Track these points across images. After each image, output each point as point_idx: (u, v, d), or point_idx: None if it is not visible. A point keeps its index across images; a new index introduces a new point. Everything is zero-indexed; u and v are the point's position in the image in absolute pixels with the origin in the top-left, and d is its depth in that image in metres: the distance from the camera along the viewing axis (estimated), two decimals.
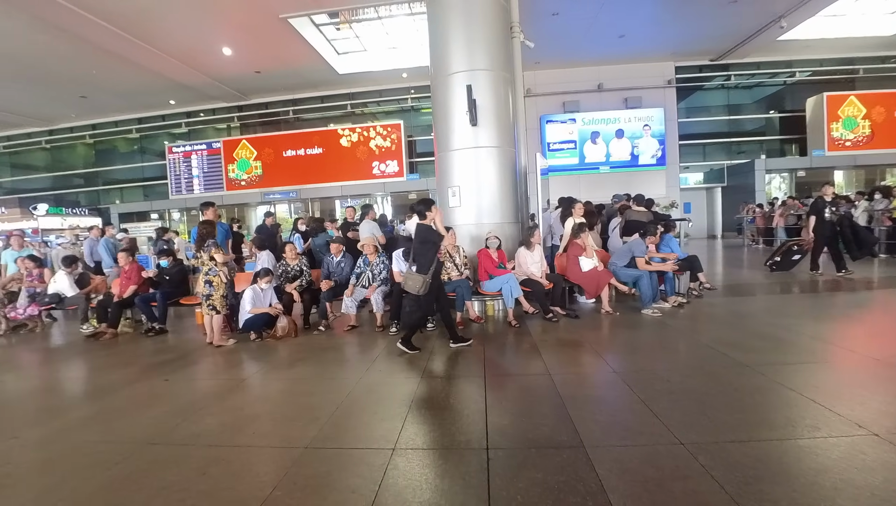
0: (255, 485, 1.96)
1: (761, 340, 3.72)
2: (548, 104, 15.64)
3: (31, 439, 2.63)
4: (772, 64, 16.06)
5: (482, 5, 5.82)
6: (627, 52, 14.15)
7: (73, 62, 12.48)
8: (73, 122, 18.43)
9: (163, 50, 12.03)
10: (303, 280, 5.36)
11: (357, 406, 2.83)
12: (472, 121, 5.62)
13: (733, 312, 4.97)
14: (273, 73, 14.36)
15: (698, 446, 2.07)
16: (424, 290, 3.84)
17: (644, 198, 6.85)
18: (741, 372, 3.03)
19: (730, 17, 12.08)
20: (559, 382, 3.04)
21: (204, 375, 3.81)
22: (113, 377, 3.82)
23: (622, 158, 15.46)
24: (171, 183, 17.17)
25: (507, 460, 2.06)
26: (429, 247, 3.91)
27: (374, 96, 16.77)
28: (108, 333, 5.36)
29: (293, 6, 10.35)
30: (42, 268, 6.56)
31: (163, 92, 15.50)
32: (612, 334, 4.42)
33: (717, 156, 17.08)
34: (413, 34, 12.25)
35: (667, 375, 3.04)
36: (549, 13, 11.11)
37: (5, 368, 4.46)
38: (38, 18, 9.96)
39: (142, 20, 10.38)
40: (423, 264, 3.87)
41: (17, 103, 15.77)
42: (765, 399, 2.59)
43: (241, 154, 16.59)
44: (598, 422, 2.40)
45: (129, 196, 19.17)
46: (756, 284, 6.64)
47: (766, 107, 16.97)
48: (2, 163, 20.15)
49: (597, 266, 5.27)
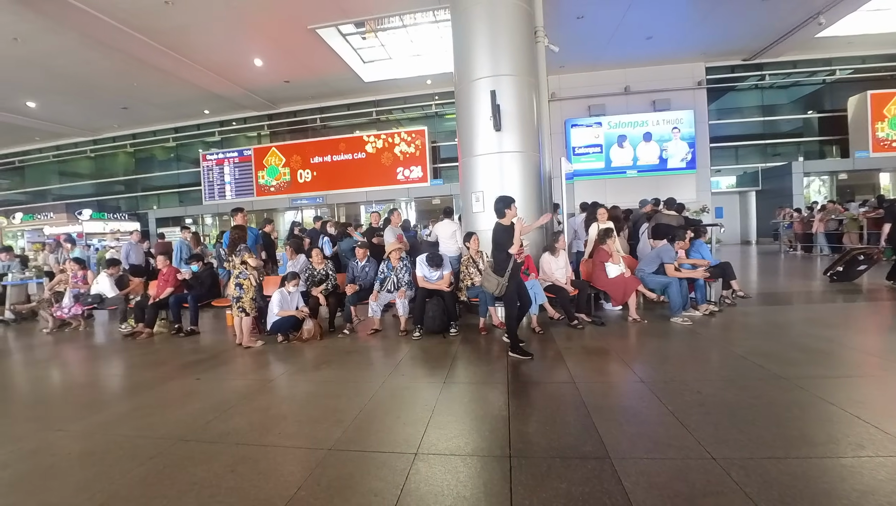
0: (281, 484, 2.01)
1: (800, 352, 3.54)
2: (573, 108, 15.46)
3: (75, 431, 2.77)
4: (809, 62, 15.37)
5: (506, 11, 5.83)
6: (655, 53, 13.84)
7: (117, 76, 13.23)
8: (116, 132, 19.47)
9: (199, 63, 12.61)
10: (328, 284, 5.46)
11: (380, 410, 2.86)
12: (496, 126, 5.62)
13: (770, 322, 4.75)
14: (301, 82, 14.79)
15: (731, 461, 1.98)
16: (500, 291, 3.82)
17: (675, 201, 6.67)
18: (778, 385, 2.89)
19: (764, 15, 11.64)
20: (584, 390, 2.98)
21: (233, 375, 3.93)
22: (148, 375, 3.99)
23: (650, 162, 15.08)
24: (205, 189, 17.86)
25: (531, 468, 2.03)
26: (502, 248, 3.86)
27: (398, 103, 17.01)
28: (144, 333, 5.62)
29: (321, 17, 10.64)
30: (86, 270, 6.93)
31: (198, 102, 16.21)
32: (639, 343, 4.30)
33: (750, 158, 16.42)
34: (437, 41, 12.38)
35: (697, 387, 2.93)
36: (574, 16, 11.01)
37: (52, 363, 4.73)
38: (87, 36, 10.63)
39: (181, 35, 10.92)
40: (499, 265, 3.84)
41: (66, 115, 16.83)
42: (804, 414, 2.46)
43: (271, 161, 17.10)
44: (624, 433, 2.34)
45: (165, 202, 20.05)
46: (795, 293, 6.33)
47: (803, 107, 16.21)
48: (51, 171, 21.48)
49: (624, 272, 5.15)
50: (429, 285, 4.96)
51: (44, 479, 2.19)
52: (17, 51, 11.15)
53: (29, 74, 12.68)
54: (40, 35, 10.51)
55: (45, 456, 2.44)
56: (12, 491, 2.08)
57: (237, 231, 4.94)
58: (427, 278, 5.03)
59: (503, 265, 3.81)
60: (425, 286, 4.96)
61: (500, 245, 3.86)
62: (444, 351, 4.23)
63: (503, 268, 3.80)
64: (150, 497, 1.97)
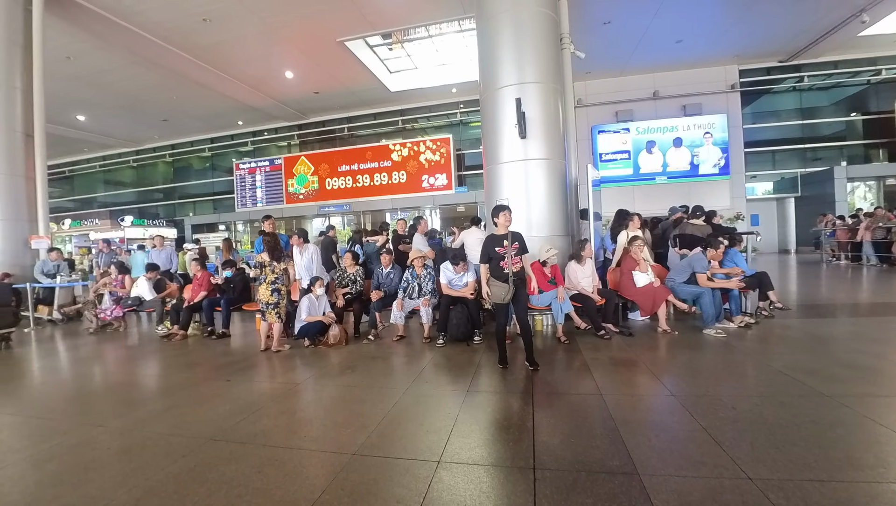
0: (306, 487, 2.04)
1: (846, 369, 3.34)
2: (600, 114, 15.26)
3: (114, 427, 2.90)
4: (852, 62, 14.63)
5: (531, 19, 5.84)
6: (685, 57, 13.52)
7: (159, 90, 14.02)
8: (156, 142, 20.55)
9: (234, 76, 13.20)
10: (353, 288, 5.55)
11: (404, 416, 2.87)
12: (521, 133, 5.60)
13: (811, 336, 4.50)
14: (330, 93, 15.24)
15: (769, 482, 1.88)
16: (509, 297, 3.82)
17: (701, 210, 6.42)
18: (821, 403, 2.73)
19: (802, 15, 11.20)
20: (612, 403, 2.90)
21: (262, 377, 4.03)
22: (182, 375, 4.15)
23: (681, 168, 14.66)
24: (238, 197, 18.55)
25: (555, 481, 1.99)
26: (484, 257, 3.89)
27: (424, 112, 17.24)
28: (178, 335, 5.85)
29: (350, 30, 10.96)
30: (126, 274, 7.29)
31: (232, 114, 16.93)
32: (670, 355, 4.16)
33: (788, 164, 15.70)
34: (462, 50, 12.51)
35: (732, 402, 2.80)
36: (601, 22, 10.91)
37: (94, 362, 4.98)
38: (133, 54, 11.33)
39: (218, 51, 11.49)
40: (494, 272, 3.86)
41: (112, 127, 17.91)
42: (849, 435, 2.31)
43: (300, 170, 17.61)
44: (654, 449, 2.26)
45: (200, 209, 20.92)
46: (839, 305, 5.97)
47: (846, 109, 15.41)
48: (97, 179, 22.83)
49: (653, 281, 5.01)
50: (453, 293, 4.97)
51: (85, 472, 2.30)
52: (69, 68, 11.99)
53: (80, 90, 13.60)
54: (91, 53, 11.27)
55: (87, 450, 2.57)
56: (57, 483, 2.20)
57: (271, 238, 5.06)
58: (451, 285, 5.04)
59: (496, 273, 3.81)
60: (449, 293, 4.97)
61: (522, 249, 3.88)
62: (468, 359, 4.21)
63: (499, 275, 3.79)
64: (182, 494, 2.03)
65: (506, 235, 3.83)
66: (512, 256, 3.77)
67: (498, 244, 3.83)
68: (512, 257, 3.77)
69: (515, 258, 3.79)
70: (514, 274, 3.76)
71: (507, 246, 3.78)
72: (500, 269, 3.79)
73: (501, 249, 3.80)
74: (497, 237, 3.87)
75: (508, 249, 3.78)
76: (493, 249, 3.84)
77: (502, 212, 3.89)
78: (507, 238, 3.81)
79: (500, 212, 3.89)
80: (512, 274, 3.75)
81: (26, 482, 2.22)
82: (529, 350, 3.80)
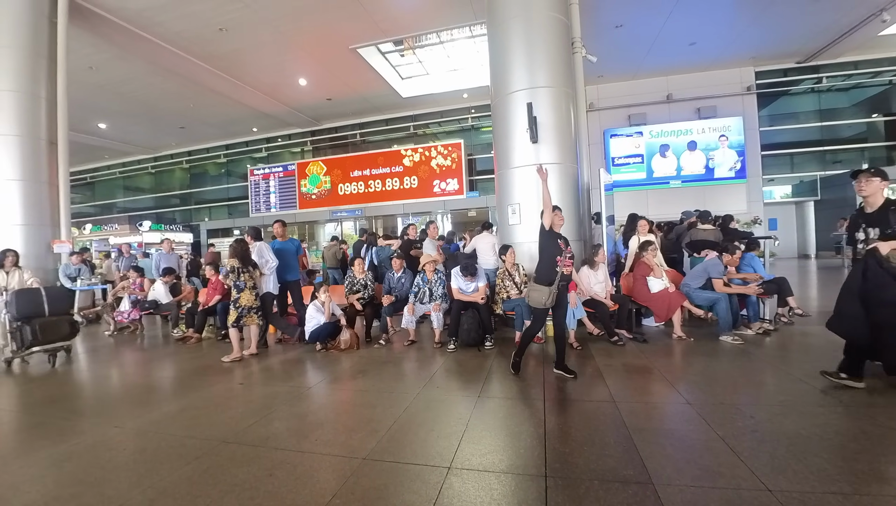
0: (317, 491, 2.04)
1: (869, 378, 3.22)
2: (612, 118, 15.13)
3: (130, 428, 2.95)
4: (873, 62, 14.23)
5: (542, 24, 5.84)
6: (699, 59, 13.34)
7: (177, 98, 14.35)
8: (174, 149, 21.01)
9: (249, 84, 13.46)
10: (365, 293, 5.58)
11: (415, 421, 2.86)
12: (533, 138, 5.59)
13: (833, 343, 4.31)
14: (342, 99, 15.41)
15: (789, 495, 1.82)
16: (552, 302, 3.58)
17: (709, 215, 6.30)
18: (844, 413, 2.65)
19: (820, 15, 10.96)
20: (625, 411, 2.85)
21: (274, 380, 4.07)
22: (196, 378, 4.21)
23: (695, 172, 14.43)
24: (252, 202, 18.83)
25: (567, 490, 1.96)
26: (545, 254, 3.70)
27: (435, 117, 17.30)
28: (193, 338, 5.94)
29: (362, 37, 11.09)
30: (143, 277, 7.45)
31: (247, 121, 17.24)
32: (685, 362, 4.08)
33: (807, 166, 15.32)
34: (473, 55, 12.55)
35: (750, 411, 2.73)
36: (613, 26, 10.84)
37: (112, 364, 5.09)
38: (152, 63, 11.64)
39: (233, 59, 11.73)
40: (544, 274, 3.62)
41: (131, 135, 18.37)
42: (875, 447, 2.23)
43: (313, 170, 17.81)
44: (669, 458, 2.21)
45: (215, 214, 21.29)
46: None
47: (867, 110, 14.97)
48: (117, 186, 23.42)
49: (667, 287, 4.93)
50: (464, 298, 4.95)
51: (102, 471, 2.34)
52: (92, 78, 12.36)
53: (101, 99, 14.01)
54: (112, 63, 11.61)
55: (104, 451, 2.61)
56: (75, 482, 2.24)
57: (237, 245, 4.99)
58: (462, 291, 5.03)
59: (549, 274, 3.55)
60: (460, 298, 4.95)
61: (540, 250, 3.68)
62: (480, 364, 4.19)
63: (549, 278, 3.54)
64: (195, 496, 2.05)
65: (561, 236, 3.65)
66: (567, 257, 3.55)
67: (559, 240, 3.61)
68: (567, 259, 3.54)
69: (569, 261, 3.56)
70: (563, 277, 3.54)
71: (564, 246, 3.57)
72: (553, 267, 3.54)
73: (562, 246, 3.57)
74: (556, 234, 3.65)
75: (565, 249, 3.57)
76: (556, 244, 3.59)
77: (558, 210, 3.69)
78: (564, 239, 3.63)
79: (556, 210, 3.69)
80: (561, 276, 3.54)
81: (45, 481, 2.27)
82: (562, 357, 3.68)
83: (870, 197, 3.10)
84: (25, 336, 4.79)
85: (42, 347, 4.88)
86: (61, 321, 5.12)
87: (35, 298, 5.05)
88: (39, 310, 5.00)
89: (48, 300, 5.09)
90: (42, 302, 5.04)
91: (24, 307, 4.91)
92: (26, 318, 4.86)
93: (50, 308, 5.07)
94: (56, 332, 5.01)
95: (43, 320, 4.93)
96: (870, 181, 3.09)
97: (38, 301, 5.04)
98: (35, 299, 5.03)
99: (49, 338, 4.93)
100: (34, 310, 4.96)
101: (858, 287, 2.95)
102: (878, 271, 2.86)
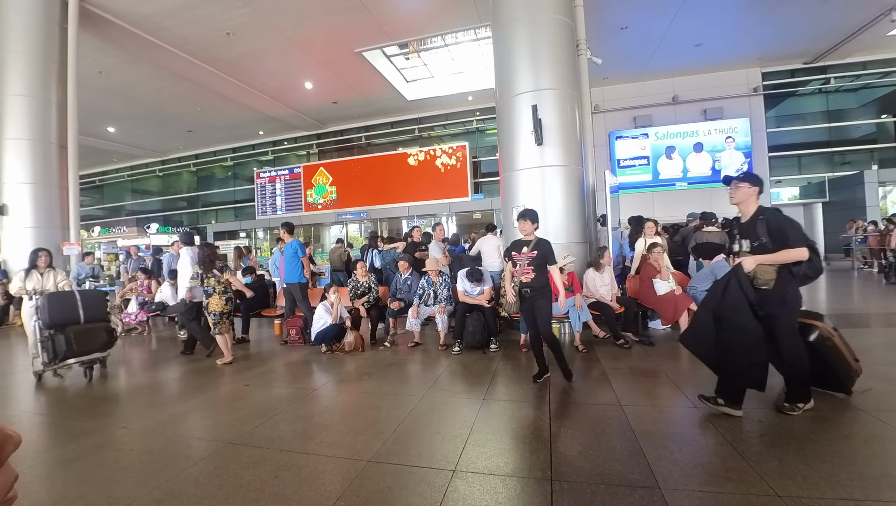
0: (322, 493, 2.04)
1: (881, 381, 3.18)
2: (617, 120, 15.09)
3: (137, 429, 2.97)
4: (882, 62, 14.08)
5: (547, 26, 5.84)
6: (705, 61, 13.28)
7: (184, 102, 14.52)
8: (181, 152, 21.24)
9: (256, 88, 13.58)
10: (370, 296, 5.59)
11: (419, 424, 2.85)
12: (538, 140, 5.58)
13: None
14: (348, 102, 15.51)
15: (799, 500, 1.80)
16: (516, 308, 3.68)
17: (713, 216, 6.25)
18: (854, 417, 2.61)
19: (827, 15, 10.89)
20: (632, 414, 2.83)
21: (279, 382, 4.08)
22: (202, 379, 4.23)
23: (702, 174, 14.35)
24: (258, 205, 18.96)
25: (573, 494, 1.94)
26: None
27: (440, 120, 17.36)
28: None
29: (367, 41, 11.16)
30: (151, 280, 7.51)
31: (254, 124, 17.39)
32: (692, 365, 4.02)
33: (815, 168, 15.18)
34: (478, 58, 12.58)
35: (759, 416, 2.71)
36: (618, 27, 10.82)
37: (119, 365, 5.12)
38: (161, 68, 11.80)
39: (240, 63, 11.86)
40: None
41: (140, 138, 18.60)
42: (886, 452, 2.20)
43: (319, 180, 17.90)
44: (676, 462, 2.19)
45: (222, 217, 21.46)
46: (871, 315, 5.72)
47: (876, 111, 14.82)
48: (125, 189, 23.69)
49: (674, 289, 4.89)
50: (469, 300, 4.95)
51: (109, 472, 2.36)
52: (101, 82, 12.53)
53: (111, 103, 14.20)
54: (121, 68, 11.78)
55: (111, 451, 2.63)
56: (83, 482, 2.26)
57: (203, 249, 4.86)
58: (467, 293, 5.02)
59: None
60: (466, 301, 4.95)
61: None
62: (484, 367, 4.18)
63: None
64: (201, 497, 2.06)
65: (527, 242, 3.63)
66: (524, 264, 3.56)
67: (516, 249, 3.66)
68: (524, 266, 3.55)
69: (527, 267, 3.54)
70: (521, 284, 3.55)
71: (524, 253, 3.58)
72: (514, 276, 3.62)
73: (517, 255, 3.63)
74: (518, 242, 3.71)
75: (524, 256, 3.57)
76: (511, 253, 3.69)
77: (520, 219, 3.69)
78: (528, 245, 3.60)
79: (518, 219, 3.70)
80: (519, 284, 3.56)
81: (53, 481, 2.29)
82: (559, 361, 3.61)
83: (741, 205, 2.91)
84: (59, 346, 4.19)
85: (77, 358, 4.28)
86: (97, 329, 4.48)
87: (69, 302, 4.40)
88: (74, 316, 4.36)
89: (83, 305, 4.45)
90: (77, 307, 4.40)
91: (56, 314, 4.27)
92: (59, 325, 4.24)
93: (85, 314, 4.44)
94: (93, 341, 4.39)
95: (78, 328, 4.31)
96: (738, 187, 2.89)
97: (73, 306, 4.39)
98: (69, 304, 4.39)
99: (85, 348, 4.31)
100: (69, 316, 4.33)
101: (715, 304, 2.76)
102: (736, 291, 2.66)
